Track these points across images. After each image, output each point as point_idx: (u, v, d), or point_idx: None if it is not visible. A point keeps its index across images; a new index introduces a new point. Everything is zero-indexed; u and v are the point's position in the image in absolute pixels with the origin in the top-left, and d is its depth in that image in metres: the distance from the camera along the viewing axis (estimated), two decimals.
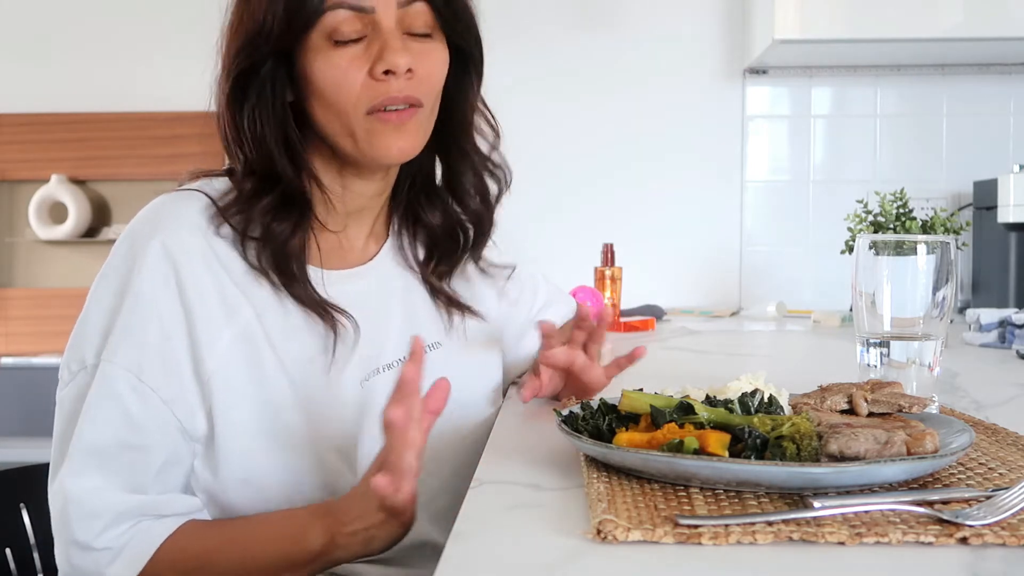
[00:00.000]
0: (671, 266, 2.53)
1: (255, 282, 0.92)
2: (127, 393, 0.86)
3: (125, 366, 0.86)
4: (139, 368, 0.86)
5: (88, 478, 0.85)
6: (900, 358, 0.94)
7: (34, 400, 2.60)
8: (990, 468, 0.74)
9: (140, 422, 0.86)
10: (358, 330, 0.95)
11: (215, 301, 0.89)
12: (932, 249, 0.93)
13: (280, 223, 0.92)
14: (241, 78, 0.91)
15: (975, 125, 2.50)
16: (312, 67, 0.90)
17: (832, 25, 2.18)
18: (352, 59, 0.90)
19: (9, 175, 2.97)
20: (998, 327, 1.66)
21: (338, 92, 0.90)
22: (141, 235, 0.90)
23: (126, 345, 0.86)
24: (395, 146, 0.93)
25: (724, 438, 0.68)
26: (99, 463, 0.85)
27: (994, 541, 0.57)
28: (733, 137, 2.54)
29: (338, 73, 0.90)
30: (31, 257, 3.04)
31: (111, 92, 2.90)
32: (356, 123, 0.91)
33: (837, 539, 0.57)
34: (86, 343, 0.89)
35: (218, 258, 0.90)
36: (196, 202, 0.92)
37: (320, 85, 0.90)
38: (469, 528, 0.62)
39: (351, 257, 1.01)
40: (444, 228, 1.07)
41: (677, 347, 1.75)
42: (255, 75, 0.90)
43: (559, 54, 2.55)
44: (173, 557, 0.85)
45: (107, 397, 0.86)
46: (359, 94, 0.90)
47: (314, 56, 0.90)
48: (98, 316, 0.89)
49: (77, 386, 0.88)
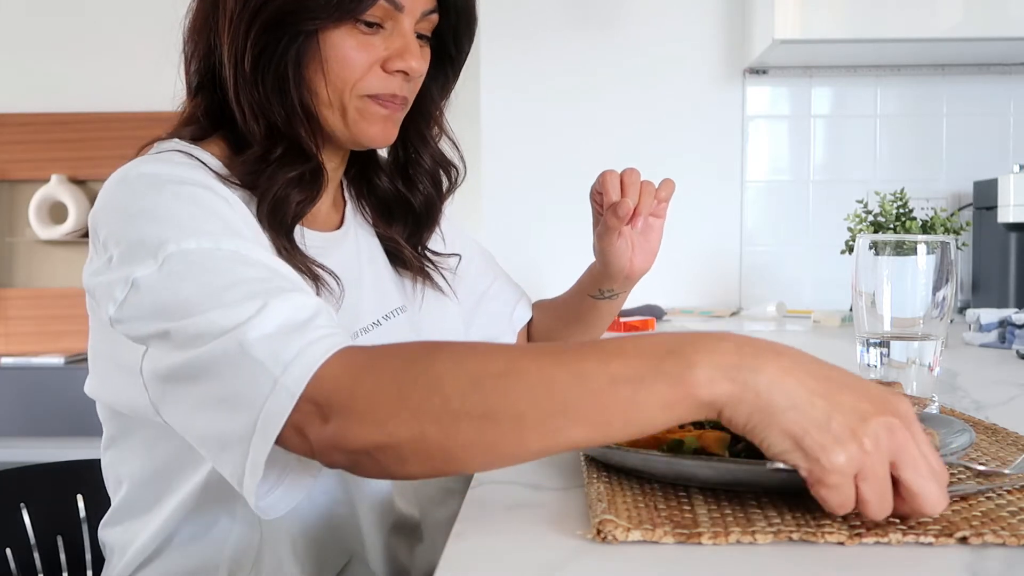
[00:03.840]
0: (671, 266, 2.53)
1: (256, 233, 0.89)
2: (244, 253, 0.75)
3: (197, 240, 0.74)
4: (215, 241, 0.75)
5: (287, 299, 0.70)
6: (900, 358, 0.94)
7: (34, 400, 2.60)
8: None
9: (271, 266, 0.75)
10: (342, 288, 0.95)
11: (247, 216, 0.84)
12: (932, 249, 0.93)
13: (301, 192, 0.93)
14: (272, 43, 0.90)
15: (975, 125, 2.50)
16: (327, 38, 0.90)
17: (832, 25, 2.18)
18: (367, 44, 0.92)
19: (9, 175, 2.97)
20: (998, 327, 1.66)
21: (343, 69, 0.91)
22: (154, 167, 0.82)
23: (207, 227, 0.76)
24: (379, 133, 0.96)
25: (724, 438, 0.68)
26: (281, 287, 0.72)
27: (994, 541, 0.57)
28: (733, 137, 2.54)
29: (351, 53, 0.91)
30: (31, 257, 3.05)
31: (111, 92, 2.90)
32: (349, 101, 0.93)
33: (837, 539, 0.57)
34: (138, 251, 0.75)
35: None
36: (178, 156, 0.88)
37: (329, 57, 0.91)
38: (469, 528, 0.62)
39: (319, 221, 1.02)
40: (395, 195, 1.09)
41: None
42: (292, 39, 0.90)
43: (559, 54, 2.55)
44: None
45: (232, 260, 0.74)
46: (361, 77, 0.92)
47: (335, 29, 0.90)
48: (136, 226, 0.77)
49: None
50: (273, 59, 0.90)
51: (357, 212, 1.09)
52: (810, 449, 0.56)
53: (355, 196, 1.10)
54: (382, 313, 1.02)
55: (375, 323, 1.00)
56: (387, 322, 1.02)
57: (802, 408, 0.56)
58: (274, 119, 0.92)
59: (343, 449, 0.64)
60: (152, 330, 0.72)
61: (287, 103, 0.91)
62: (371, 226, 1.09)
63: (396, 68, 0.93)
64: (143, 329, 0.73)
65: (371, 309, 1.01)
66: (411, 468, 0.64)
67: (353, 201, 1.09)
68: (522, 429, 0.60)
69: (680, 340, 0.60)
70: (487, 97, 2.55)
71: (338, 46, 0.91)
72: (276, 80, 0.91)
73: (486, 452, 0.62)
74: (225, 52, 0.91)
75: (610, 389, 0.59)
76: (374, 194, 1.09)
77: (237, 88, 0.91)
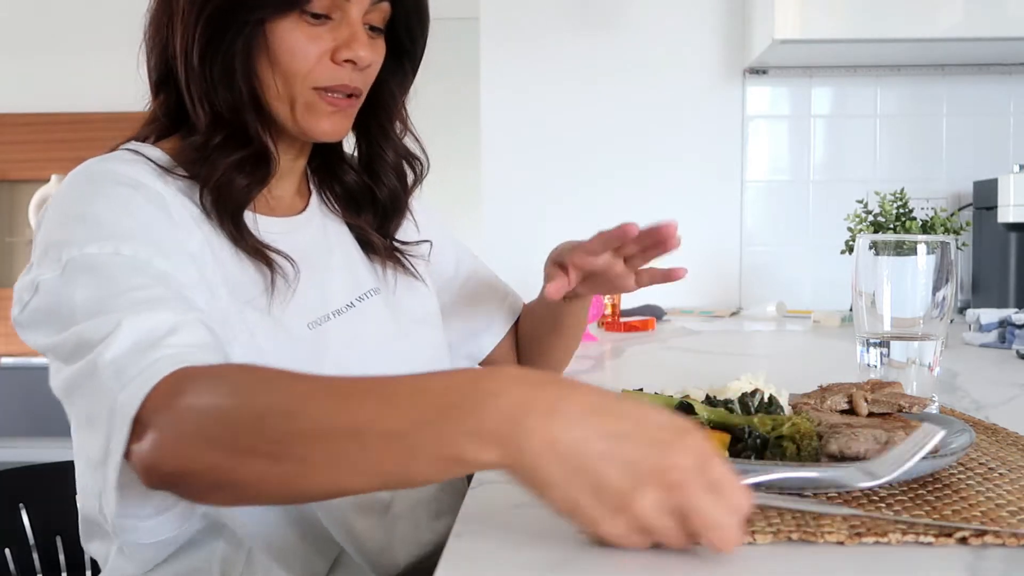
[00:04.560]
0: (671, 266, 2.53)
1: (194, 223, 0.90)
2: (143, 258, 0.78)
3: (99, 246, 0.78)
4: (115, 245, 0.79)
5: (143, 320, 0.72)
6: (900, 358, 0.94)
7: (34, 400, 2.60)
8: (990, 468, 0.74)
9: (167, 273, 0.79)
10: (297, 270, 0.95)
11: (181, 210, 0.88)
12: (932, 249, 0.93)
13: (246, 177, 0.93)
14: (219, 34, 0.91)
15: (975, 125, 2.50)
16: (274, 30, 0.91)
17: (832, 25, 2.18)
18: (315, 35, 0.92)
19: (9, 175, 2.97)
20: (998, 327, 1.66)
21: (293, 61, 0.92)
22: (79, 173, 0.86)
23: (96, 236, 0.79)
24: (328, 127, 0.96)
25: (724, 438, 0.68)
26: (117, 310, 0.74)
27: (994, 541, 0.57)
28: (733, 137, 2.54)
29: (298, 44, 0.92)
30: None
31: (111, 92, 2.90)
32: (299, 93, 0.93)
33: (836, 539, 0.57)
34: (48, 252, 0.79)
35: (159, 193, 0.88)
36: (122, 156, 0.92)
37: (277, 49, 0.92)
38: (469, 528, 0.62)
39: (280, 210, 1.02)
40: (360, 186, 1.09)
41: (677, 347, 1.75)
42: (239, 30, 0.91)
43: (558, 54, 2.55)
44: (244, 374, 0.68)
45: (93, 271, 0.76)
46: (311, 68, 0.93)
47: (281, 21, 0.91)
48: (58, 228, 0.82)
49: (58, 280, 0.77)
50: (220, 50, 0.91)
51: (323, 202, 1.09)
52: (586, 522, 0.54)
53: (319, 186, 1.10)
54: (355, 295, 1.03)
55: (348, 305, 1.01)
56: (360, 304, 1.02)
57: (571, 481, 0.53)
58: (219, 107, 0.93)
59: (155, 472, 0.65)
60: (44, 342, 0.77)
61: (234, 93, 0.92)
62: (336, 211, 1.09)
63: (344, 58, 0.93)
64: (39, 339, 0.78)
65: (343, 291, 1.01)
66: (212, 498, 0.66)
67: (318, 191, 1.10)
68: (306, 472, 0.60)
69: (462, 393, 0.56)
70: (487, 98, 2.54)
71: (285, 38, 0.91)
72: (224, 71, 0.92)
73: (277, 489, 0.63)
74: (177, 45, 0.93)
75: (383, 446, 0.57)
76: (340, 184, 1.10)
77: (188, 80, 0.93)
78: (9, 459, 2.44)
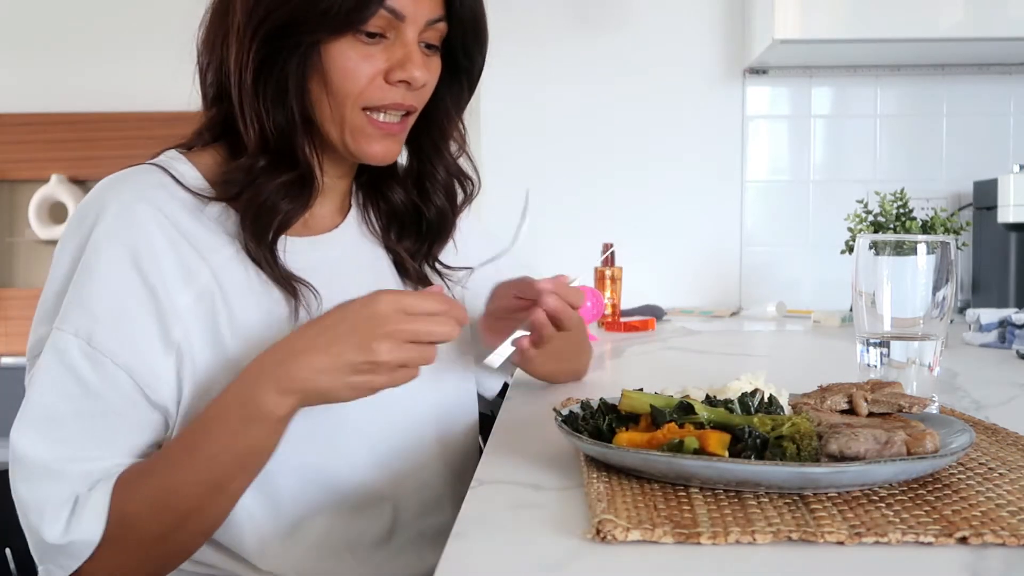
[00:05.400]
0: (671, 266, 2.53)
1: (216, 245, 0.92)
2: (79, 359, 0.85)
3: (74, 332, 0.85)
4: (89, 334, 0.85)
5: (50, 449, 0.84)
6: (900, 358, 0.94)
7: None
8: (990, 468, 0.74)
9: (95, 388, 0.85)
10: (320, 299, 0.95)
11: (172, 265, 0.89)
12: (932, 249, 0.93)
13: (290, 201, 0.94)
14: (274, 54, 0.90)
15: (975, 125, 2.50)
16: (328, 50, 0.90)
17: (832, 25, 2.18)
18: (369, 56, 0.91)
19: (9, 175, 2.97)
20: (998, 327, 1.66)
21: (344, 81, 0.91)
22: (95, 205, 0.90)
23: (77, 312, 0.86)
24: (379, 151, 0.96)
25: (724, 438, 0.68)
26: (64, 436, 0.85)
27: (994, 541, 0.57)
28: (733, 137, 2.54)
29: (351, 64, 0.91)
30: (31, 257, 3.05)
31: (111, 92, 2.90)
32: (349, 115, 0.93)
33: (836, 539, 0.57)
34: (43, 312, 0.90)
35: (174, 224, 0.90)
36: (149, 174, 0.93)
37: (329, 69, 0.91)
38: (469, 528, 0.62)
39: (315, 227, 1.02)
40: (407, 207, 1.08)
41: (677, 347, 1.75)
42: (293, 50, 0.90)
43: (559, 54, 2.55)
44: (130, 496, 0.83)
45: (59, 364, 0.85)
46: (363, 89, 0.92)
47: (335, 42, 0.90)
48: (53, 284, 0.89)
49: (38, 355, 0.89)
50: (274, 70, 0.91)
51: (363, 221, 1.08)
52: (367, 390, 0.83)
53: (363, 203, 1.09)
54: None
55: None
56: None
57: (337, 379, 0.81)
58: (270, 128, 0.92)
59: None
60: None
61: (286, 113, 0.92)
62: (375, 231, 1.08)
63: (398, 79, 0.92)
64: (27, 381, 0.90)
65: None
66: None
67: (360, 209, 1.09)
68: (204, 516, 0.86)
69: (247, 386, 0.83)
70: (487, 100, 2.54)
71: (339, 58, 0.91)
72: (276, 92, 0.91)
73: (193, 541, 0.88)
74: (231, 63, 0.92)
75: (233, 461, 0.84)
76: (386, 202, 1.08)
77: (241, 98, 0.92)
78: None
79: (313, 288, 0.95)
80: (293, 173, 0.94)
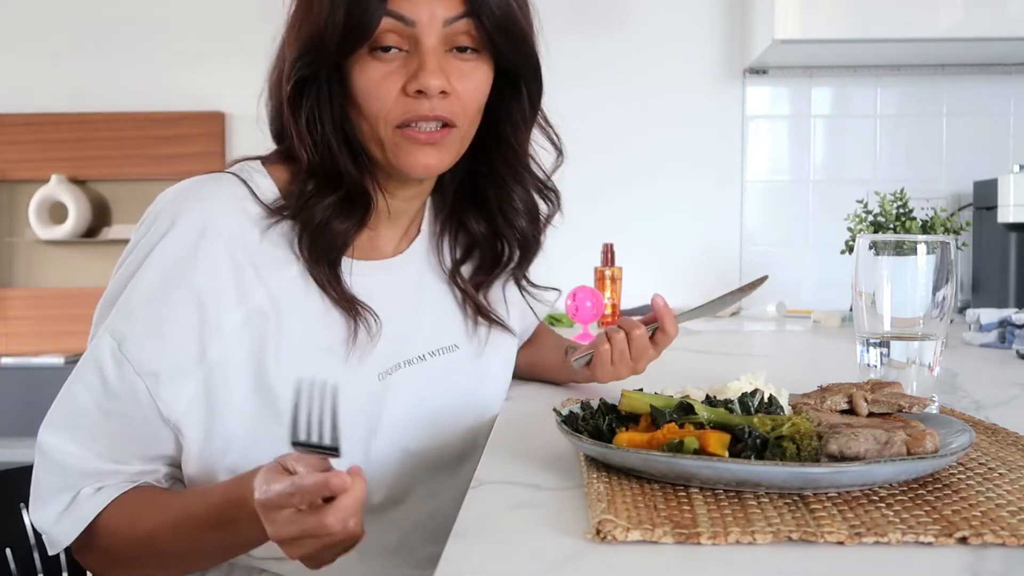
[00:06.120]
0: (671, 266, 2.53)
1: (279, 266, 0.92)
2: (107, 359, 0.87)
3: (111, 332, 0.88)
4: (122, 337, 0.87)
5: (60, 437, 0.88)
6: (900, 358, 0.94)
7: (34, 400, 2.60)
8: (990, 468, 0.74)
9: (114, 390, 0.87)
10: (380, 325, 0.95)
11: (229, 283, 0.88)
12: (932, 249, 0.93)
13: (343, 220, 0.93)
14: (300, 83, 0.91)
15: (975, 125, 2.50)
16: (351, 74, 0.90)
17: (832, 25, 2.18)
18: (389, 72, 0.89)
19: (9, 175, 2.97)
20: (998, 327, 1.66)
21: (370, 102, 0.90)
22: (168, 214, 0.90)
23: (121, 315, 0.88)
24: (421, 162, 0.92)
25: (724, 438, 0.68)
26: (75, 424, 0.88)
27: (994, 541, 0.57)
28: (733, 137, 2.54)
29: (371, 84, 0.89)
30: (31, 257, 3.05)
31: (111, 92, 2.90)
32: (385, 134, 0.91)
33: (836, 539, 0.57)
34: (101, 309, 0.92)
35: (241, 244, 0.90)
36: (227, 185, 0.92)
37: (355, 93, 0.90)
38: (469, 528, 0.62)
39: (382, 253, 1.02)
40: (487, 238, 1.06)
41: (677, 347, 1.74)
42: (314, 80, 0.91)
43: (559, 54, 2.55)
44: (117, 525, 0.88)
45: (92, 359, 0.88)
46: (391, 107, 0.90)
47: (355, 63, 0.90)
48: (113, 287, 0.91)
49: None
50: (308, 98, 0.91)
51: (432, 250, 1.06)
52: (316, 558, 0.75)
53: (439, 233, 1.07)
54: (431, 348, 1.01)
55: (420, 357, 1.00)
56: (432, 359, 1.01)
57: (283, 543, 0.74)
58: (313, 153, 0.92)
59: None
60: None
61: (325, 138, 0.92)
62: (445, 262, 1.07)
63: (414, 89, 0.88)
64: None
65: (420, 341, 1.00)
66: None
67: (434, 237, 1.07)
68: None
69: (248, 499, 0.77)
70: None
71: (360, 78, 0.90)
72: (312, 118, 0.91)
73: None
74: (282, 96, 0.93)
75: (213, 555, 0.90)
76: (465, 234, 1.07)
77: (290, 129, 0.93)
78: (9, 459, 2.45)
79: (374, 313, 0.94)
80: (340, 192, 0.93)
